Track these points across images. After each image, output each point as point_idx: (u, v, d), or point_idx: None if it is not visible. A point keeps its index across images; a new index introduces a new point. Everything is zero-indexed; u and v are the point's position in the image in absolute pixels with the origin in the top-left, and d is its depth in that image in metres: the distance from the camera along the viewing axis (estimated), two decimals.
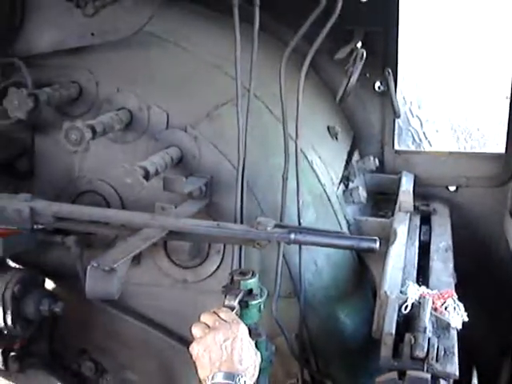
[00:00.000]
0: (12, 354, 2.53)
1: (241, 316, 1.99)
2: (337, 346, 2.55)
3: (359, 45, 2.78)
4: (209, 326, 1.80)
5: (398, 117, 3.09)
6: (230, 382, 1.68)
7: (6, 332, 2.38)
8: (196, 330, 1.80)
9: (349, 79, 2.61)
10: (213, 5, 2.84)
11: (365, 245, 2.07)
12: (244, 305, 2.02)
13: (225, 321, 1.82)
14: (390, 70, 2.96)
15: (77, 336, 2.69)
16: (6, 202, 2.20)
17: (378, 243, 2.06)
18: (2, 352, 2.52)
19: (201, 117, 2.47)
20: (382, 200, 3.22)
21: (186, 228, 2.13)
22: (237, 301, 1.98)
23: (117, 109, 2.48)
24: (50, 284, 2.60)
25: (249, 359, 1.77)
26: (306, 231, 2.11)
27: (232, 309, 1.92)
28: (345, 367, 2.52)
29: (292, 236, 2.07)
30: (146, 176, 2.19)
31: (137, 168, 2.17)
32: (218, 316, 1.83)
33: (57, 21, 2.46)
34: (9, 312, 2.32)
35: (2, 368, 2.55)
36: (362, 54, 2.61)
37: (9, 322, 2.33)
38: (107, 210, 2.35)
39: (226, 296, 2.02)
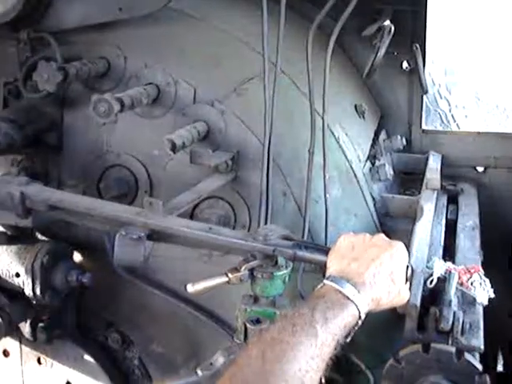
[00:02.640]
0: (40, 324, 2.58)
1: (265, 287, 2.00)
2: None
3: (387, 22, 2.77)
4: None
5: (426, 92, 3.06)
6: (340, 288, 1.49)
7: (34, 302, 2.43)
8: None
9: (376, 54, 2.60)
10: None
11: None
12: (269, 275, 2.03)
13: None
14: (417, 45, 2.93)
15: (104, 308, 2.73)
16: (0, 186, 2.19)
17: None
18: (31, 323, 2.56)
19: (228, 92, 2.47)
20: (408, 180, 3.21)
21: (169, 229, 2.01)
22: (244, 267, 1.94)
23: (144, 84, 2.51)
24: (77, 257, 2.64)
25: (384, 287, 1.58)
26: (312, 247, 1.96)
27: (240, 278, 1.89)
28: (368, 343, 2.51)
29: (291, 251, 1.91)
30: (173, 148, 2.21)
31: (164, 140, 2.19)
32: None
33: None
34: (38, 282, 2.36)
35: (30, 338, 2.59)
36: (390, 29, 2.59)
37: (37, 291, 2.37)
38: (96, 200, 2.26)
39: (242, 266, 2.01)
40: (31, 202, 2.15)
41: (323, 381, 1.54)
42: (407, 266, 1.68)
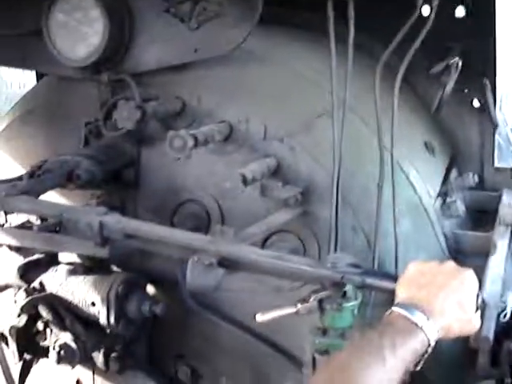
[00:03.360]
0: (113, 354, 2.64)
1: (333, 319, 2.01)
2: (432, 359, 2.49)
3: (456, 59, 2.79)
4: None
5: (496, 126, 3.04)
6: (409, 315, 1.49)
7: (108, 331, 2.50)
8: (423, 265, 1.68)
9: (444, 88, 2.61)
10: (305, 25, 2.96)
11: None
12: (338, 307, 2.03)
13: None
14: (487, 81, 2.92)
15: (175, 341, 2.77)
16: (80, 215, 2.31)
17: None
18: (104, 352, 2.63)
19: (297, 128, 2.54)
20: (481, 218, 3.16)
21: (240, 256, 2.07)
22: (313, 298, 1.96)
23: (217, 122, 2.60)
24: (150, 290, 2.71)
25: (454, 315, 1.55)
26: (381, 273, 2.03)
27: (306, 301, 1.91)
28: (440, 379, 2.45)
29: (359, 278, 1.91)
30: (245, 181, 2.27)
31: (236, 173, 2.26)
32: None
33: (162, 37, 2.61)
34: (112, 311, 2.43)
35: (103, 368, 2.66)
36: (457, 64, 2.61)
37: (112, 320, 2.44)
38: (170, 229, 2.39)
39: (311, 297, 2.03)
40: (109, 231, 2.25)
41: None
42: (477, 295, 1.65)
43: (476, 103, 3.20)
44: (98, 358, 2.64)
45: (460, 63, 2.65)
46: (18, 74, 4.77)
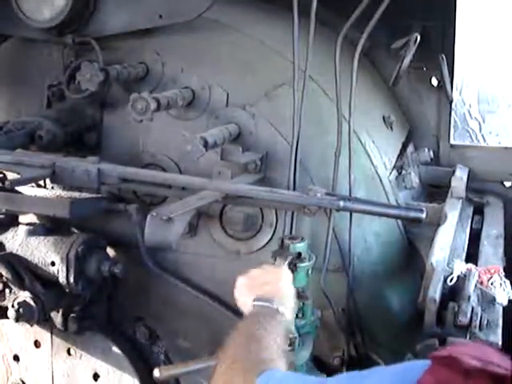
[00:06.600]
0: (72, 315, 2.67)
1: None
2: (383, 321, 2.59)
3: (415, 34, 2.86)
4: None
5: (451, 102, 3.13)
6: (269, 304, 1.78)
7: (67, 291, 2.53)
8: (254, 271, 1.96)
9: (402, 61, 2.68)
10: None
11: (412, 214, 2.14)
12: (293, 268, 2.10)
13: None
14: (443, 56, 3.01)
15: (134, 303, 2.81)
16: (75, 164, 2.38)
17: (424, 213, 2.12)
18: (63, 313, 2.65)
19: (259, 96, 2.58)
20: (435, 193, 3.26)
21: (239, 191, 2.25)
22: (286, 263, 2.07)
23: (181, 88, 2.63)
24: (111, 252, 2.74)
25: (290, 297, 1.89)
26: (355, 199, 2.19)
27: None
28: (390, 343, 2.55)
29: (341, 203, 2.15)
30: (205, 145, 2.31)
31: (197, 136, 2.30)
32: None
33: (128, 2, 2.64)
34: (72, 270, 2.46)
35: (62, 328, 2.68)
36: (416, 38, 2.68)
37: (71, 280, 2.46)
38: (169, 174, 2.53)
39: (275, 259, 2.12)
40: (106, 177, 2.37)
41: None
42: None
43: (434, 81, 3.29)
44: (57, 318, 2.66)
45: (419, 38, 2.72)
46: None
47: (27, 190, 2.71)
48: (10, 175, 2.52)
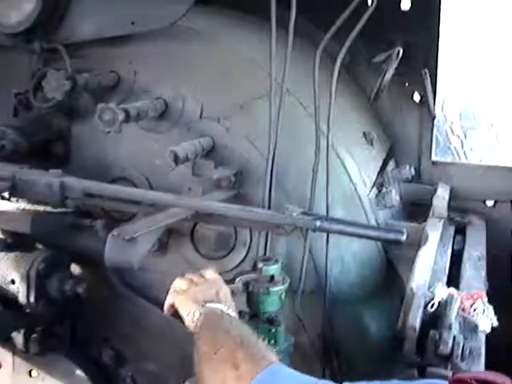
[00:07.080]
0: (34, 335, 2.53)
1: (260, 303, 1.97)
2: (360, 347, 2.48)
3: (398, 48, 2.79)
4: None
5: (434, 118, 3.06)
6: (220, 306, 1.78)
7: (28, 311, 2.40)
8: (180, 283, 1.91)
9: (383, 75, 2.60)
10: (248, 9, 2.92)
11: (391, 236, 2.03)
12: (265, 291, 1.99)
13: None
14: (426, 71, 2.93)
15: (100, 323, 2.68)
16: (37, 177, 2.24)
17: (405, 235, 2.02)
18: (24, 333, 2.52)
19: (234, 109, 2.48)
20: (416, 211, 3.18)
21: (210, 209, 2.12)
22: (240, 281, 1.98)
23: (153, 98, 2.52)
24: (75, 269, 2.61)
25: (230, 297, 1.88)
26: (331, 220, 2.08)
27: (232, 291, 1.94)
28: (367, 370, 2.45)
29: (318, 223, 2.04)
30: (176, 159, 2.20)
31: (167, 150, 2.19)
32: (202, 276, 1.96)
33: (99, 8, 2.52)
34: (32, 289, 2.33)
35: (23, 349, 2.55)
36: (398, 52, 2.60)
37: (31, 299, 2.33)
38: (136, 189, 2.38)
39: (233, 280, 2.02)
40: (69, 191, 2.24)
41: None
42: None
43: (416, 97, 3.22)
44: (18, 338, 2.53)
45: (401, 52, 2.65)
46: None
47: None
48: None
